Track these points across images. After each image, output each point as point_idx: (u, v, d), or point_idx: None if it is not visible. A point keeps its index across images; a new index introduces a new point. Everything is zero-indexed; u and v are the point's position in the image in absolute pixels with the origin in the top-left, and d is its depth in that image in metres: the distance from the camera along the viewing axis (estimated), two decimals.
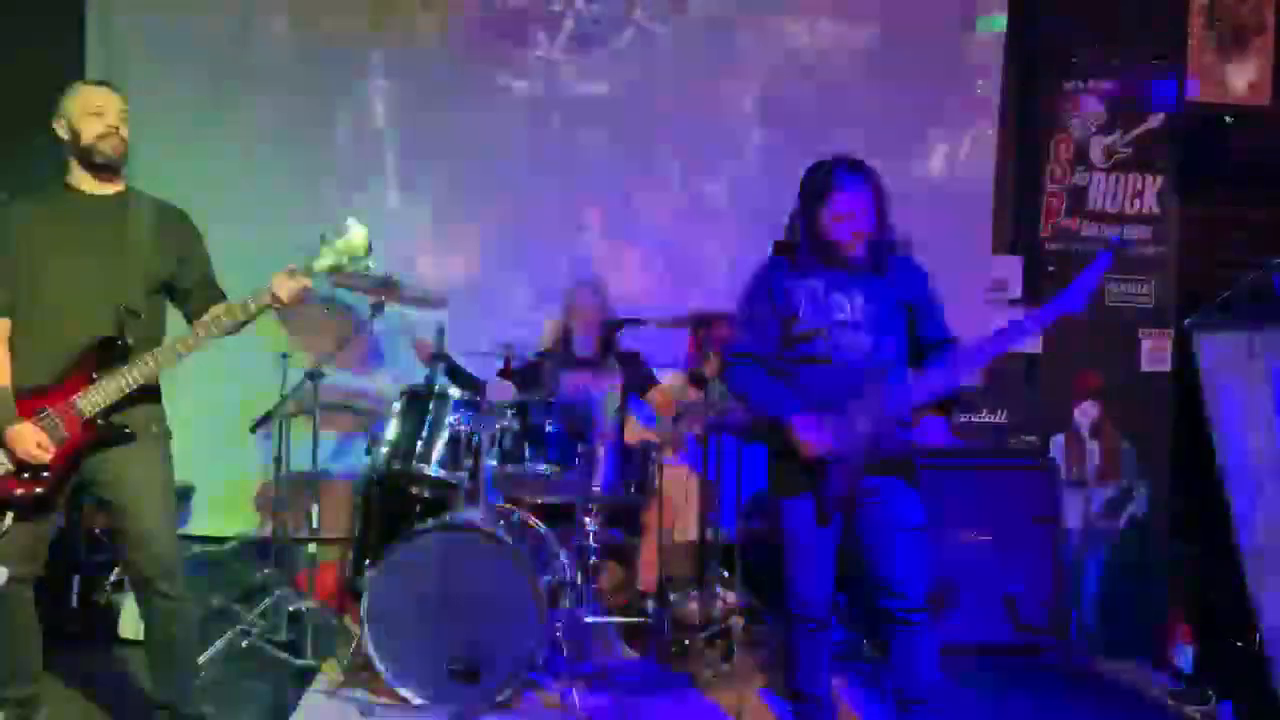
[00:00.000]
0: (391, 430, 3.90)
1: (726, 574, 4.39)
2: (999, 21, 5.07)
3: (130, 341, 2.88)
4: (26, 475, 2.82)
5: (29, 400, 2.83)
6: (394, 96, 4.95)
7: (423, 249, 4.93)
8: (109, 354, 2.87)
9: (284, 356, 4.22)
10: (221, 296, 3.06)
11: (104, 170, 2.95)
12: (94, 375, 2.85)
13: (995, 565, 4.31)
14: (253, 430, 4.06)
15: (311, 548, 4.08)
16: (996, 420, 4.43)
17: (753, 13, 5.09)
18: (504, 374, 4.32)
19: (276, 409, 4.06)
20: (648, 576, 4.41)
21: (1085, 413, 4.82)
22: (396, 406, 3.94)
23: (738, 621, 4.08)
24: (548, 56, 5.00)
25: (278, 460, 4.11)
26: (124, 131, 2.96)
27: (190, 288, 3.05)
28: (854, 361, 3.00)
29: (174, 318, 3.09)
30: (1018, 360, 4.95)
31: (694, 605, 4.24)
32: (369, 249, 2.96)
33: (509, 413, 3.91)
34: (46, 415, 2.82)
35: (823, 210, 2.98)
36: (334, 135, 4.94)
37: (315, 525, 4.10)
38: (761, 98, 5.09)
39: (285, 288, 2.91)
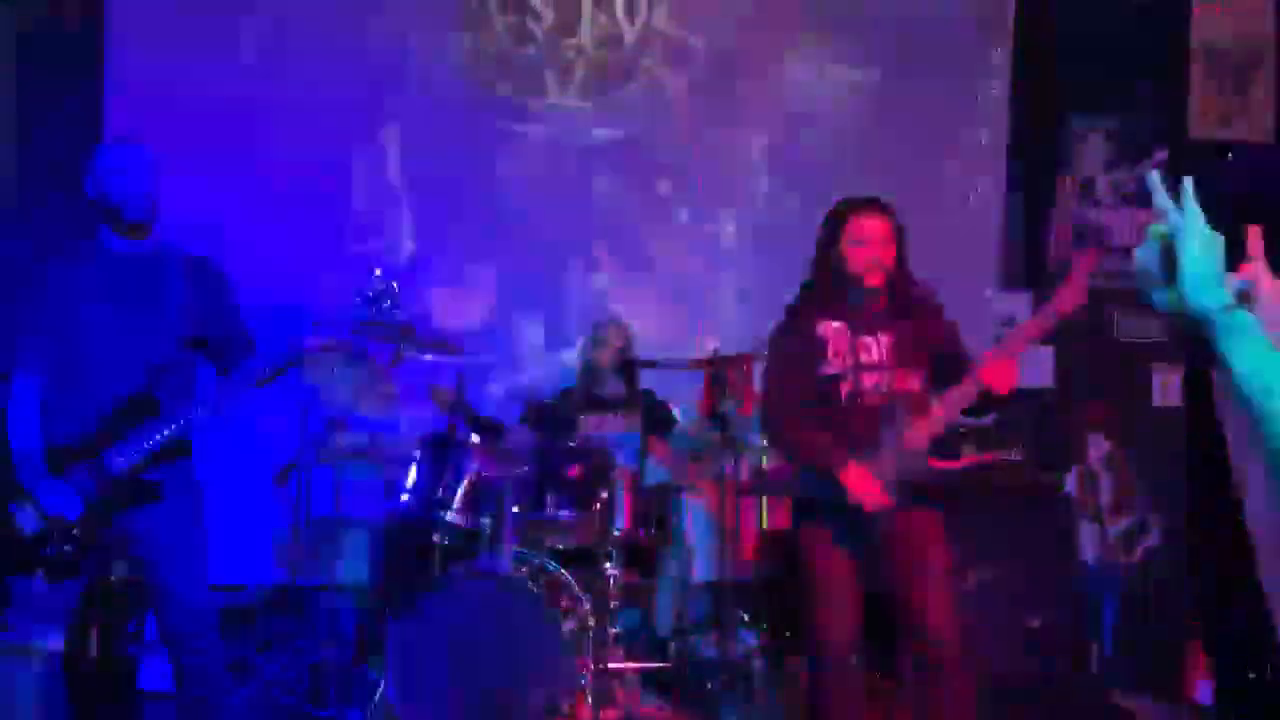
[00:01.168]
0: (412, 477, 3.91)
1: (746, 615, 4.38)
2: None
3: (161, 398, 2.90)
4: (56, 535, 2.82)
5: (59, 459, 2.83)
6: (409, 144, 5.00)
7: (439, 295, 4.95)
8: (140, 411, 2.88)
9: (303, 404, 4.22)
10: (253, 347, 3.08)
11: (133, 227, 2.98)
12: (124, 432, 2.86)
13: (1012, 600, 4.29)
14: (277, 482, 4.07)
15: (332, 596, 4.06)
16: (1010, 456, 4.45)
17: (759, 60, 5.14)
18: (526, 419, 4.33)
19: (298, 458, 4.07)
20: (667, 619, 4.40)
21: (1098, 447, 4.83)
22: (416, 453, 3.94)
23: (759, 663, 4.07)
24: (560, 103, 5.06)
25: (297, 507, 4.11)
26: (152, 188, 2.99)
27: (222, 340, 3.08)
28: (878, 401, 3.03)
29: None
30: (1031, 396, 4.98)
31: (714, 648, 4.23)
32: (398, 300, 2.99)
33: (529, 458, 3.92)
34: (76, 474, 2.82)
35: (840, 237, 3.00)
36: (350, 184, 4.98)
37: (335, 573, 4.09)
38: (769, 142, 5.14)
39: (314, 342, 2.94)
